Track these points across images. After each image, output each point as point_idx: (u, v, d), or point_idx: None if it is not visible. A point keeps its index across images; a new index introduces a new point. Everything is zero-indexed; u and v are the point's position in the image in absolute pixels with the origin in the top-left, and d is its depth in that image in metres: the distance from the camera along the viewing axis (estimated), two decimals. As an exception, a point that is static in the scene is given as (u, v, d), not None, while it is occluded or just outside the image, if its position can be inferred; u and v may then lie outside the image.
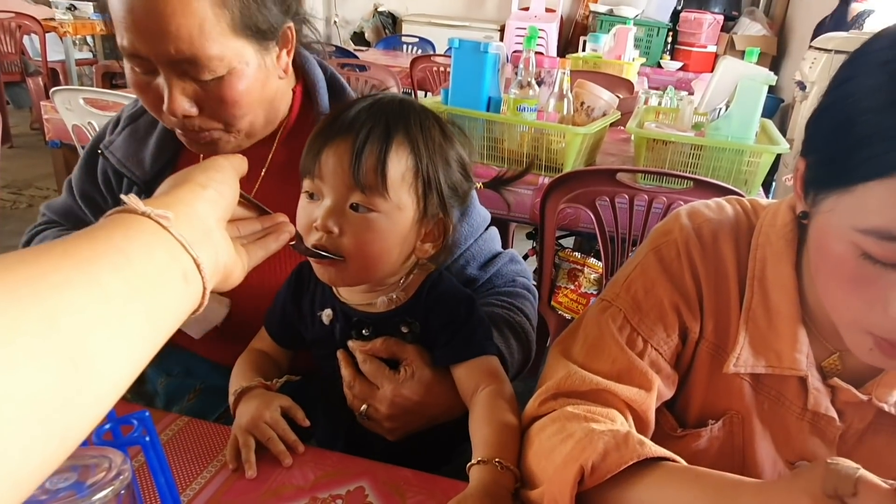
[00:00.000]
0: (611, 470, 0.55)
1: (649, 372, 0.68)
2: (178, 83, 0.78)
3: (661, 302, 0.69)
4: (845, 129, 0.53)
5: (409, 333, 0.78)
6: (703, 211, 0.72)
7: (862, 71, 0.53)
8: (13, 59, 4.69)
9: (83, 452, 0.42)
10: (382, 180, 0.69)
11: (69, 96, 2.07)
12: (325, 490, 0.66)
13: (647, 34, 4.86)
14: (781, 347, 0.66)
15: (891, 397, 0.65)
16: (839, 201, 0.54)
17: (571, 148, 1.78)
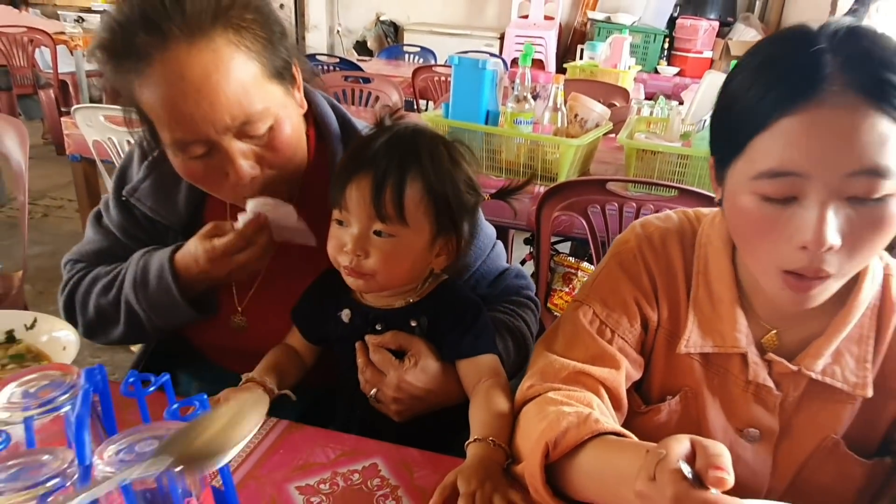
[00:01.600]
0: (570, 444, 0.67)
1: (617, 355, 0.80)
2: (238, 150, 0.83)
3: (624, 298, 0.83)
4: (729, 114, 0.70)
5: (416, 327, 0.90)
6: (653, 221, 0.86)
7: (736, 71, 0.70)
8: (25, 73, 4.82)
9: (160, 426, 0.53)
10: (399, 211, 0.81)
11: (90, 113, 2.19)
12: (344, 466, 0.77)
13: (643, 40, 4.97)
14: (724, 329, 0.79)
15: (816, 366, 0.76)
16: (736, 167, 0.69)
17: (565, 158, 1.89)
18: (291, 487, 0.73)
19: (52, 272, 3.16)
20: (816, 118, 0.62)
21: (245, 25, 0.82)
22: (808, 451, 0.80)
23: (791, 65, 0.64)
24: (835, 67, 0.62)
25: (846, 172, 0.62)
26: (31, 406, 0.55)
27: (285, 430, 0.83)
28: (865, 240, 0.65)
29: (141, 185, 0.99)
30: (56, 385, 0.57)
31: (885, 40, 0.63)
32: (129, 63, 0.79)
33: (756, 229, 0.68)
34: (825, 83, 0.61)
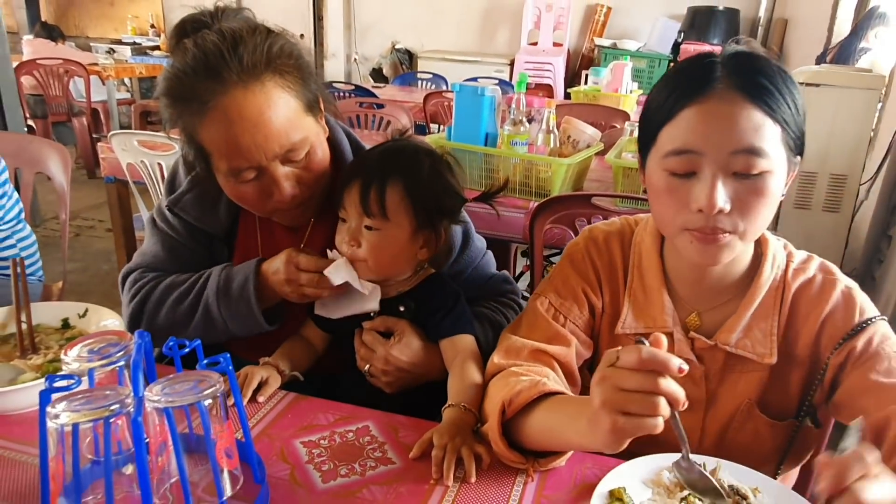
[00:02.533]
0: (522, 402, 0.82)
1: (568, 336, 0.96)
2: (282, 173, 0.99)
3: (574, 289, 0.99)
4: (647, 114, 0.88)
5: (405, 311, 1.07)
6: (599, 226, 1.04)
7: (656, 85, 0.89)
8: (61, 102, 5.12)
9: (192, 373, 0.69)
10: (382, 208, 0.99)
11: (125, 138, 2.40)
12: (341, 427, 0.92)
13: (648, 65, 5.14)
14: (655, 313, 0.94)
15: (730, 340, 0.91)
16: (651, 154, 0.87)
17: (557, 176, 2.04)
18: (297, 442, 0.89)
19: (84, 286, 3.37)
20: (708, 108, 0.79)
21: (287, 70, 0.98)
22: (729, 416, 0.95)
23: (692, 71, 0.83)
24: (723, 73, 0.80)
25: (730, 151, 0.79)
26: (94, 359, 0.72)
27: (293, 400, 0.99)
28: (750, 206, 0.81)
29: (184, 197, 1.13)
30: (113, 345, 0.74)
31: (762, 59, 0.82)
32: (194, 107, 0.94)
33: (665, 198, 0.85)
34: (715, 83, 0.80)
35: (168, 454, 0.70)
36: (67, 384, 0.66)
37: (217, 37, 0.95)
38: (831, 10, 3.99)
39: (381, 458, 0.86)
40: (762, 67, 0.80)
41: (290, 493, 0.79)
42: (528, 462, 0.83)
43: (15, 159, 2.05)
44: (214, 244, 1.17)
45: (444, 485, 0.81)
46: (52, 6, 7.67)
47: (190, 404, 0.65)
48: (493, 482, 0.83)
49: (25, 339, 1.02)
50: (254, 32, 0.97)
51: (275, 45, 0.98)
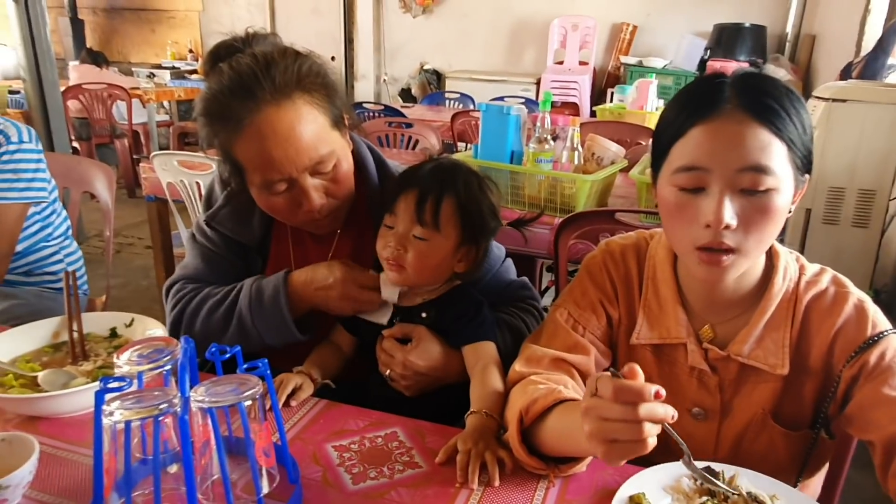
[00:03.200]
0: (538, 410, 0.85)
1: (588, 345, 1.00)
2: (311, 185, 1.06)
3: (592, 301, 1.02)
4: (659, 131, 0.91)
5: (426, 318, 1.11)
6: (616, 240, 1.07)
7: (668, 104, 0.93)
8: (104, 124, 5.32)
9: (233, 377, 0.74)
10: (435, 219, 1.04)
11: (165, 159, 2.51)
12: (371, 432, 0.97)
13: (675, 83, 5.14)
14: (669, 324, 0.97)
15: (743, 350, 0.93)
16: (663, 171, 0.90)
17: (581, 193, 2.08)
18: (328, 446, 0.93)
19: (124, 301, 3.49)
20: (716, 127, 0.83)
21: (315, 88, 1.05)
22: (744, 425, 0.97)
23: (703, 91, 0.87)
24: (731, 93, 0.84)
25: (737, 168, 0.81)
26: (143, 363, 0.77)
27: (325, 406, 1.04)
28: (756, 222, 0.84)
29: (220, 212, 1.21)
30: (160, 351, 0.80)
31: (769, 80, 0.85)
32: (230, 125, 1.01)
33: (675, 213, 0.88)
34: (724, 103, 0.83)
35: (210, 453, 0.75)
36: (119, 385, 0.72)
37: (251, 59, 1.03)
38: (859, 25, 3.97)
39: (408, 462, 0.90)
40: (769, 88, 0.83)
41: (323, 493, 0.84)
42: (548, 468, 0.86)
43: (64, 179, 2.16)
44: (249, 255, 1.24)
45: (468, 488, 0.85)
46: (97, 33, 7.99)
47: (231, 405, 0.70)
48: (516, 487, 0.86)
49: (77, 346, 1.09)
50: (284, 55, 1.05)
51: (303, 65, 1.05)
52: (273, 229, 1.25)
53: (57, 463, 0.88)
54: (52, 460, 0.88)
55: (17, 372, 1.01)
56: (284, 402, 1.02)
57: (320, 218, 1.12)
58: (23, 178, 1.69)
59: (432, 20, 6.41)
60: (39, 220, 1.86)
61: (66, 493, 0.82)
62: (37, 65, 3.92)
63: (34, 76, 3.93)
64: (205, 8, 7.51)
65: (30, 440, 0.80)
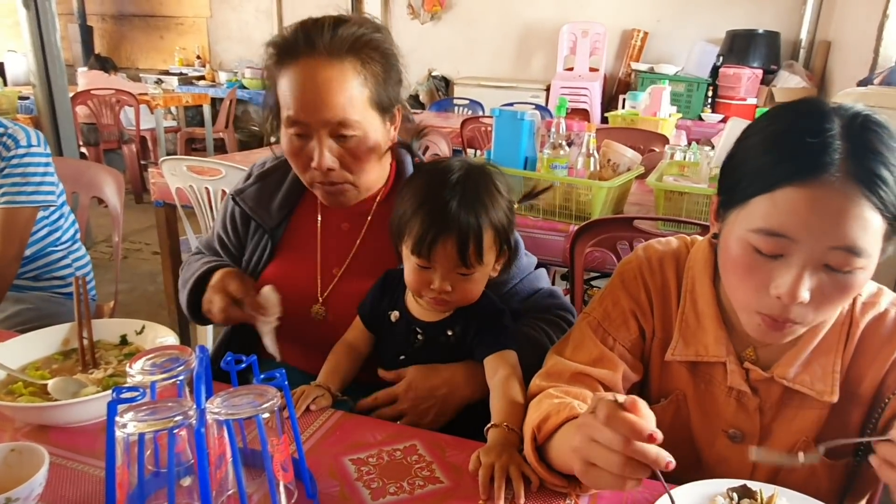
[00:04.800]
0: (550, 428, 0.81)
1: (616, 359, 0.94)
2: (326, 142, 1.08)
3: (624, 311, 0.97)
4: (740, 169, 0.80)
5: (452, 336, 1.07)
6: (654, 245, 1.01)
7: (752, 132, 0.81)
8: (112, 130, 5.32)
9: (250, 387, 0.71)
10: (479, 258, 1.01)
11: (175, 164, 2.49)
12: (389, 445, 0.93)
13: (686, 89, 5.11)
14: (708, 341, 0.92)
15: (788, 374, 0.88)
16: (737, 216, 0.80)
17: (597, 199, 2.04)
18: (346, 460, 0.90)
19: (131, 306, 3.47)
20: (817, 195, 0.72)
21: (370, 62, 1.09)
22: (785, 451, 0.90)
23: (804, 142, 0.73)
24: (842, 155, 0.71)
25: (830, 245, 0.73)
26: (156, 373, 0.74)
27: (341, 418, 1.00)
28: (831, 301, 0.77)
29: (247, 189, 1.27)
30: (174, 360, 0.77)
31: (887, 136, 0.73)
32: (285, 59, 1.08)
33: (742, 273, 0.80)
34: (831, 168, 0.71)
35: (225, 466, 0.72)
36: (132, 396, 0.69)
37: (331, 17, 1.10)
38: (877, 31, 3.93)
39: (428, 476, 0.87)
40: (887, 153, 0.72)
41: (341, 509, 0.81)
42: (570, 486, 0.82)
43: (73, 184, 2.15)
44: (259, 235, 1.27)
45: None
46: (105, 40, 8.02)
47: (248, 417, 0.67)
48: (543, 501, 0.83)
49: (87, 354, 1.06)
50: (362, 23, 1.11)
51: (371, 38, 1.10)
52: (292, 217, 1.27)
53: (67, 475, 0.85)
54: (63, 472, 0.85)
55: (27, 380, 0.98)
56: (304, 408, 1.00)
57: (327, 184, 1.13)
58: (32, 181, 1.67)
59: (440, 26, 6.40)
60: (48, 225, 1.85)
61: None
62: (46, 70, 3.92)
63: (44, 81, 3.93)
64: (212, 14, 7.53)
65: (40, 451, 0.77)
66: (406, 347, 1.10)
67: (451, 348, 1.08)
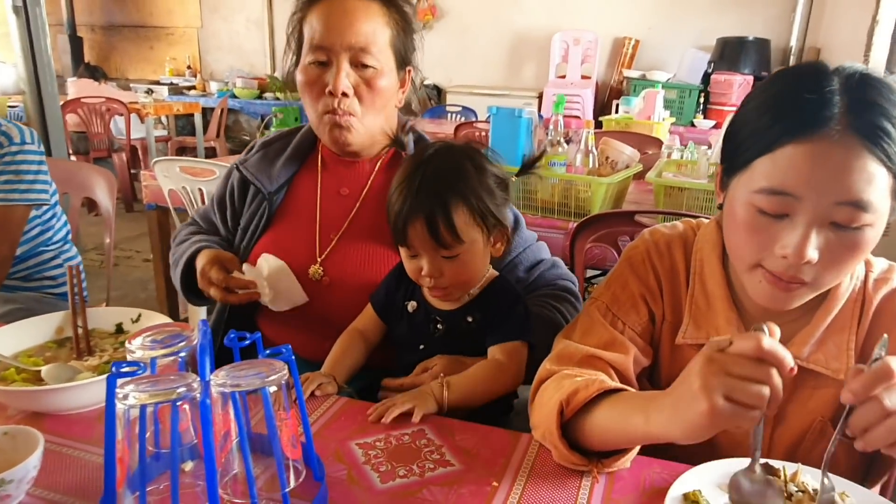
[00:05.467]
0: (580, 402, 0.78)
1: (626, 342, 0.92)
2: (345, 68, 1.12)
3: (633, 294, 0.95)
4: (740, 133, 0.80)
5: (472, 322, 1.05)
6: (660, 229, 0.99)
7: (752, 96, 0.81)
8: (102, 138, 5.27)
9: (254, 362, 0.68)
10: (455, 237, 0.97)
11: (167, 165, 2.45)
12: (396, 430, 0.90)
13: (679, 96, 5.13)
14: (719, 323, 0.90)
15: (802, 353, 0.85)
16: (739, 180, 0.79)
17: (597, 196, 2.03)
18: (352, 444, 0.87)
19: (123, 314, 3.41)
20: (818, 150, 0.71)
21: (395, 11, 1.16)
22: (799, 434, 0.89)
23: (804, 99, 0.73)
24: (842, 108, 0.71)
25: (834, 201, 0.71)
26: (157, 348, 0.71)
27: (345, 404, 0.97)
28: (840, 260, 0.75)
29: (251, 157, 1.30)
30: (175, 336, 0.74)
31: (887, 91, 0.72)
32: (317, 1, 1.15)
33: (747, 235, 0.79)
34: (831, 122, 0.70)
35: (229, 446, 0.68)
36: (133, 370, 0.66)
37: None
38: (867, 37, 3.96)
39: (439, 460, 0.84)
40: (887, 105, 0.71)
41: (348, 492, 0.77)
42: (591, 464, 0.80)
43: (64, 185, 2.11)
44: (258, 201, 1.27)
45: (506, 486, 0.79)
46: (95, 51, 7.98)
47: (255, 389, 0.64)
48: (558, 485, 0.80)
49: (81, 342, 1.02)
50: None
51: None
52: (293, 184, 1.29)
53: (63, 461, 0.81)
54: (58, 458, 0.81)
55: (20, 366, 0.94)
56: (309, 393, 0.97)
57: (337, 113, 1.14)
58: (25, 179, 1.64)
59: (432, 35, 6.40)
60: (40, 224, 1.81)
61: (74, 490, 0.76)
62: (36, 77, 3.88)
63: (34, 89, 3.88)
64: (203, 25, 7.51)
65: (34, 434, 0.73)
66: (426, 337, 1.08)
67: (472, 334, 1.06)
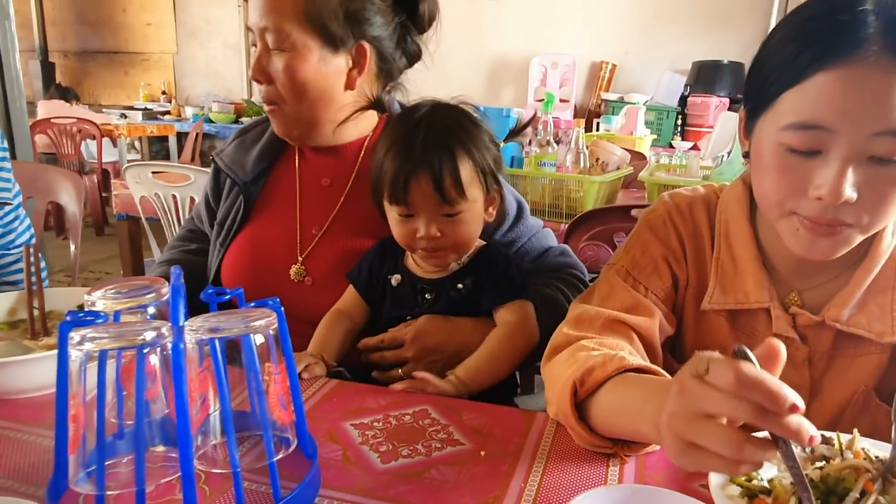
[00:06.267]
0: (596, 381, 0.69)
1: (651, 305, 0.83)
2: (261, 51, 1.03)
3: (655, 257, 0.87)
4: (763, 69, 0.72)
5: (462, 289, 0.96)
6: (680, 191, 0.92)
7: (777, 29, 0.74)
8: (72, 160, 5.12)
9: (232, 312, 0.58)
10: (461, 191, 0.91)
11: (139, 171, 2.34)
12: (395, 410, 0.80)
13: (657, 118, 5.16)
14: (748, 287, 0.82)
15: (842, 316, 0.78)
16: (765, 119, 0.72)
17: (589, 196, 1.97)
18: (346, 424, 0.76)
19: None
20: (852, 76, 0.64)
21: None
22: (840, 407, 0.81)
23: (834, 21, 0.66)
24: (877, 29, 0.64)
25: (873, 132, 0.64)
26: (120, 300, 0.61)
27: (337, 385, 0.87)
28: (883, 198, 0.68)
29: (227, 147, 1.21)
30: (143, 289, 0.63)
31: None
32: None
33: (778, 177, 0.71)
34: (866, 43, 0.63)
35: (205, 413, 0.58)
36: (90, 320, 0.55)
37: None
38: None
39: (446, 439, 0.74)
40: None
41: (345, 472, 0.67)
42: (616, 447, 0.70)
43: (28, 188, 1.98)
44: (234, 194, 1.18)
45: (526, 466, 0.69)
46: (67, 76, 7.84)
47: (238, 336, 0.54)
48: (583, 464, 0.70)
49: (37, 323, 0.91)
50: None
51: None
52: (270, 173, 1.19)
53: (12, 445, 0.70)
54: (7, 443, 0.70)
55: (-39, 345, 0.82)
56: None
57: (262, 94, 1.06)
58: (-15, 175, 1.52)
59: (411, 61, 6.43)
60: (1, 227, 1.69)
61: (22, 475, 0.64)
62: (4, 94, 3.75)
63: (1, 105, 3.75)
64: (179, 50, 7.44)
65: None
66: (414, 309, 0.98)
67: (462, 302, 0.97)
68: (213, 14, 7.10)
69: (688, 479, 0.67)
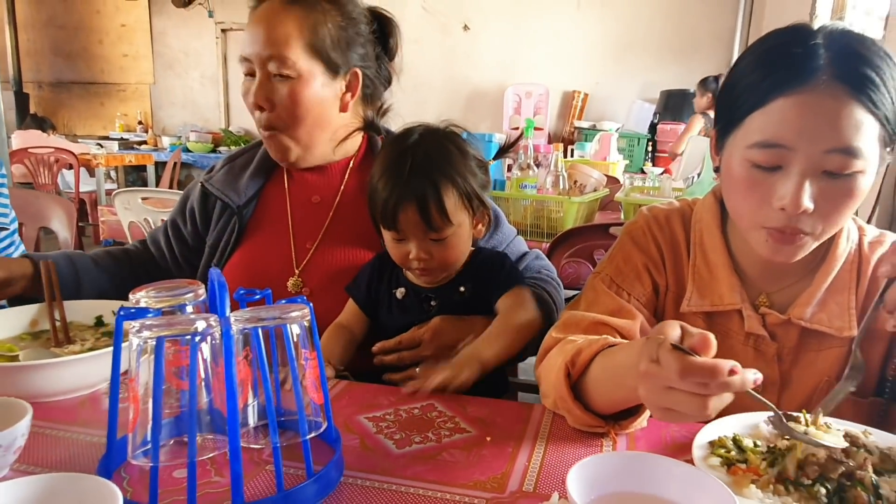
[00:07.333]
0: (585, 360, 0.77)
1: (633, 309, 0.92)
2: (262, 77, 1.09)
3: (636, 266, 0.96)
4: (733, 92, 0.82)
5: (465, 292, 1.05)
6: (658, 205, 1.02)
7: (743, 57, 0.84)
8: (49, 189, 5.10)
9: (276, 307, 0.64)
10: (445, 219, 0.98)
11: (129, 196, 2.39)
12: (405, 405, 0.87)
13: (628, 144, 5.34)
14: (722, 291, 0.91)
15: (805, 314, 0.87)
16: (734, 137, 0.81)
17: (568, 216, 2.07)
18: (361, 418, 0.83)
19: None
20: (807, 100, 0.74)
21: (320, 13, 1.09)
22: (806, 396, 0.89)
23: (790, 54, 0.76)
24: (826, 60, 0.74)
25: (825, 149, 0.74)
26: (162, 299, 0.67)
27: (347, 385, 0.93)
28: (835, 207, 0.78)
29: (217, 174, 1.26)
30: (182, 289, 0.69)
31: (868, 42, 0.76)
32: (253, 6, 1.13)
33: (745, 191, 0.81)
34: (817, 72, 0.74)
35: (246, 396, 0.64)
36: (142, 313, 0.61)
37: None
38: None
39: (454, 427, 0.81)
40: (868, 54, 0.74)
41: (364, 457, 0.73)
42: (607, 425, 0.78)
43: (20, 214, 2.02)
44: (226, 217, 1.23)
45: (528, 450, 0.76)
46: (42, 107, 7.82)
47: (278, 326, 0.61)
48: (578, 445, 0.77)
49: (60, 333, 0.96)
50: None
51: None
52: (261, 196, 1.25)
53: (48, 441, 0.75)
54: (43, 439, 0.75)
55: (-7, 352, 0.87)
56: None
57: (264, 127, 1.12)
58: (-19, 198, 1.56)
59: (388, 90, 6.56)
60: (-4, 251, 1.72)
61: (65, 466, 0.69)
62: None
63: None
64: (156, 81, 7.49)
65: (21, 403, 0.67)
66: (422, 316, 1.06)
67: (467, 303, 1.05)
68: (191, 46, 7.18)
69: (674, 454, 0.74)
